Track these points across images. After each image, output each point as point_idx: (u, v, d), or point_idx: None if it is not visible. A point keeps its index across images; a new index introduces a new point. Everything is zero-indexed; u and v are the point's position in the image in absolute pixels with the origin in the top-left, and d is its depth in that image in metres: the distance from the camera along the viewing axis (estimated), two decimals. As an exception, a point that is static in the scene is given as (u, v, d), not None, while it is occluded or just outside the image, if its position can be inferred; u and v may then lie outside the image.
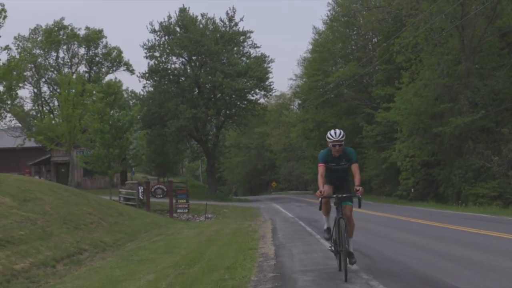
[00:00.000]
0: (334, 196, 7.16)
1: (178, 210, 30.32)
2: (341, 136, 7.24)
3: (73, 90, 27.24)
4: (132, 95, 56.16)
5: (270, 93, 52.31)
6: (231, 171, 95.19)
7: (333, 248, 7.45)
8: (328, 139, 7.34)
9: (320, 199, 7.08)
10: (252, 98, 49.58)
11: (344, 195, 7.20)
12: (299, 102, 70.11)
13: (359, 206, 7.14)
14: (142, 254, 12.44)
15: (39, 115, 59.25)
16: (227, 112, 49.12)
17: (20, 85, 60.50)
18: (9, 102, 23.90)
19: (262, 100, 55.01)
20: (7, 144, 73.37)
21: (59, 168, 53.80)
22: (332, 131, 7.38)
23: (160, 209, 32.56)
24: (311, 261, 8.47)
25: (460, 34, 29.63)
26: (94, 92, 31.09)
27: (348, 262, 6.95)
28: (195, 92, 48.34)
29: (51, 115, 27.45)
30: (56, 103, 66.57)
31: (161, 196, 31.55)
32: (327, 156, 7.40)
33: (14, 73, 20.24)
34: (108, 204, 23.83)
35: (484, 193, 26.90)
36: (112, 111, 32.91)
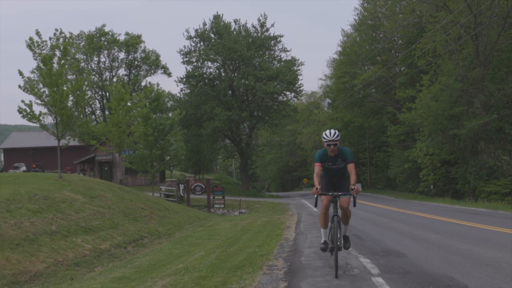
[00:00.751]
0: (330, 193, 7.33)
1: (215, 206, 33.47)
2: (335, 136, 7.30)
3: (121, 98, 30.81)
4: (169, 96, 59.81)
5: (300, 95, 55.19)
6: (264, 168, 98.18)
7: (324, 247, 7.64)
8: (323, 139, 7.41)
9: (316, 196, 7.23)
10: (283, 99, 52.48)
11: (340, 193, 7.38)
12: (329, 101, 72.83)
13: (354, 205, 7.30)
14: (190, 239, 15.58)
15: (81, 116, 63.51)
16: (259, 113, 52.15)
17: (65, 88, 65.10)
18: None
19: (293, 100, 57.94)
20: (50, 143, 78.74)
21: (102, 166, 58.00)
22: (327, 131, 7.46)
23: (198, 204, 35.77)
24: (318, 241, 11.38)
25: (474, 42, 31.89)
26: (135, 100, 34.55)
27: (343, 246, 7.43)
28: (229, 95, 51.45)
29: (104, 121, 30.72)
30: (97, 104, 71.25)
31: (200, 193, 34.77)
32: (323, 155, 7.47)
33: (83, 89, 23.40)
34: (155, 200, 27.18)
35: (496, 190, 29.20)
36: (154, 116, 36.35)
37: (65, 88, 20.99)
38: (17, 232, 11.35)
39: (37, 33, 21.25)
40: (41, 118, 21.56)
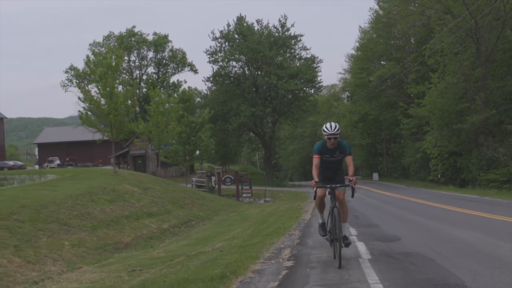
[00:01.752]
0: (328, 186, 7.43)
1: (243, 195, 37.55)
2: (336, 129, 7.35)
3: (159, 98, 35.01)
4: (196, 92, 64.03)
5: (319, 91, 58.98)
6: (286, 158, 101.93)
7: (327, 237, 7.80)
8: (323, 132, 7.45)
9: (315, 188, 7.44)
10: (303, 95, 56.27)
11: (338, 185, 7.50)
12: (348, 94, 76.34)
13: (352, 196, 7.43)
14: (228, 221, 19.60)
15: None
16: (282, 109, 56.02)
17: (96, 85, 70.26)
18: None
19: (313, 96, 61.64)
20: (81, 138, 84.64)
21: (136, 160, 62.72)
22: (328, 124, 7.49)
23: (228, 194, 39.88)
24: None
25: (476, 45, 35.14)
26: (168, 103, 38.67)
27: (343, 244, 7.43)
28: (253, 92, 55.37)
29: (145, 122, 34.95)
30: (129, 102, 75.62)
31: (230, 183, 38.90)
32: (322, 148, 7.57)
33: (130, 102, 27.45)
34: (191, 191, 31.37)
35: (495, 178, 32.58)
36: (187, 115, 40.48)
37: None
38: (104, 216, 15.51)
39: (93, 52, 25.42)
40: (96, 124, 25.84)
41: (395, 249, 8.62)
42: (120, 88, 27.97)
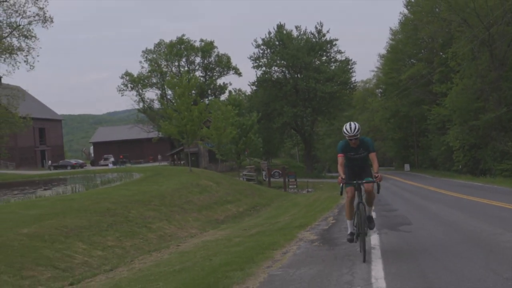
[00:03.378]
0: (355, 182, 7.62)
1: (290, 186, 43.99)
2: (356, 131, 7.52)
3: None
4: (241, 94, 70.77)
5: (354, 91, 65.06)
6: (324, 151, 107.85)
7: (351, 237, 7.94)
8: (344, 133, 7.60)
9: (341, 184, 7.62)
10: (339, 96, 62.41)
11: (364, 180, 7.66)
12: (381, 90, 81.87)
13: (378, 192, 7.62)
14: (283, 207, 26.04)
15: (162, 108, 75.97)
16: (320, 108, 62.27)
17: (149, 89, 77.69)
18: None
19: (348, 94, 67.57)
20: (132, 136, 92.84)
21: (190, 156, 70.04)
22: (348, 126, 7.64)
23: (276, 186, 46.38)
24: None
25: (489, 51, 40.50)
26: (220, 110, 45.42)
27: (368, 226, 7.83)
28: (294, 94, 61.78)
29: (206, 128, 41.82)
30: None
31: (278, 177, 45.44)
32: (345, 146, 7.77)
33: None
34: (247, 183, 38.05)
35: (507, 168, 38.09)
36: (238, 118, 47.12)
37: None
38: (201, 203, 22.25)
39: (171, 76, 32.23)
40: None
41: (391, 212, 14.94)
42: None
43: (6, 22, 49.53)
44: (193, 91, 33.02)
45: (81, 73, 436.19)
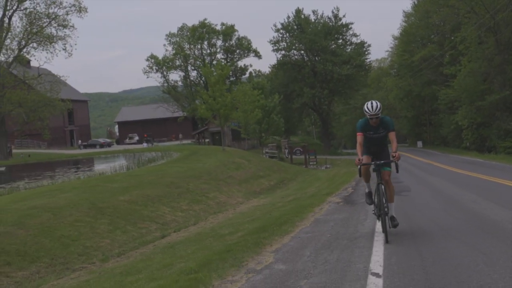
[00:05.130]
0: (373, 163, 7.74)
1: (310, 163, 48.12)
2: (377, 109, 7.46)
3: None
4: (262, 76, 74.66)
5: (369, 72, 68.63)
6: (340, 128, 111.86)
7: (375, 212, 8.21)
8: (365, 112, 7.58)
9: (359, 166, 7.77)
10: (354, 77, 66.11)
11: (382, 161, 7.71)
12: (395, 71, 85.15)
13: (397, 171, 7.86)
14: (308, 181, 30.14)
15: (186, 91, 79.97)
16: (337, 89, 66.12)
17: (173, 72, 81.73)
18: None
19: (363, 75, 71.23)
20: (155, 116, 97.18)
21: (214, 135, 74.43)
22: (369, 104, 7.59)
23: (296, 162, 50.52)
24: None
25: (494, 37, 43.83)
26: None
27: (390, 225, 7.83)
28: (312, 76, 65.61)
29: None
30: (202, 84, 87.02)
31: (299, 154, 49.60)
32: (365, 125, 7.76)
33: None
34: (272, 160, 42.24)
35: (510, 145, 41.77)
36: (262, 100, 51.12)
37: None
38: (239, 177, 26.47)
39: (205, 64, 36.21)
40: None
41: (397, 183, 19.01)
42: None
43: (45, 13, 54.04)
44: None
45: (96, 51, 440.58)
